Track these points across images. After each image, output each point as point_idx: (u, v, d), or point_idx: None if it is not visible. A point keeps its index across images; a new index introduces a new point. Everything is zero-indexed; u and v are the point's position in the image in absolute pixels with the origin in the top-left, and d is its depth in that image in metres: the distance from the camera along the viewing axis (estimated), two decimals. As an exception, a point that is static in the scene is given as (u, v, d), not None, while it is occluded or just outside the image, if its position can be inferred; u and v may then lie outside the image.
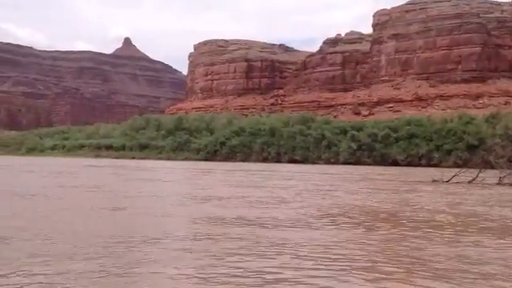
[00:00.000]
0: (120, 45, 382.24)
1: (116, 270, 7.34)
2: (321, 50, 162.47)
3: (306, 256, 8.39)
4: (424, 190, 25.39)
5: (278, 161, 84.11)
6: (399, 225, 12.61)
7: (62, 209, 15.10)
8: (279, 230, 11.48)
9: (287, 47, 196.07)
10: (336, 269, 7.62)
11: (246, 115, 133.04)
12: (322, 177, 39.26)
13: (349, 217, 14.16)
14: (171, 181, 33.73)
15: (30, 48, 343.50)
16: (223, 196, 19.85)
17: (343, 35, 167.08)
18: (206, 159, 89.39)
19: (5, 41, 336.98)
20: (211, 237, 10.37)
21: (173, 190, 24.78)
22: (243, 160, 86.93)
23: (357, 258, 8.44)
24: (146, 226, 12.08)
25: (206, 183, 29.11)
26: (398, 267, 7.78)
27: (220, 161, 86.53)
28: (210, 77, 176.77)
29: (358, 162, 76.70)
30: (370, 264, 8.02)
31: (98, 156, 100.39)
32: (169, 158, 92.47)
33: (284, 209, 15.78)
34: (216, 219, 13.06)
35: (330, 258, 8.28)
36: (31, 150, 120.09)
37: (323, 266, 7.71)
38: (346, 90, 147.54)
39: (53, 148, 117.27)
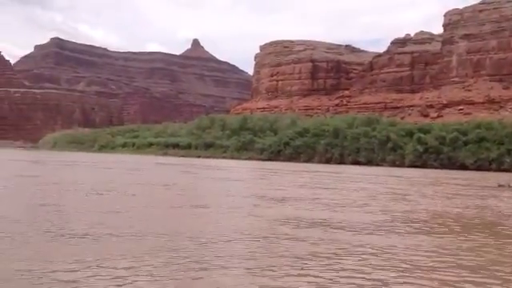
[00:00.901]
0: (189, 46, 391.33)
1: (190, 272, 7.48)
2: (388, 51, 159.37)
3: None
4: (498, 195, 24.60)
5: (342, 162, 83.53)
6: (494, 234, 12.09)
7: (146, 206, 15.60)
8: (365, 235, 11.13)
9: (354, 48, 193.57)
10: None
11: (311, 116, 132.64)
12: (391, 180, 38.77)
13: (436, 223, 13.68)
14: (241, 180, 34.25)
15: (104, 49, 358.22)
16: (296, 197, 20.00)
17: (412, 35, 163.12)
18: (269, 159, 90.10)
19: (79, 42, 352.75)
20: (294, 239, 10.20)
21: (245, 189, 25.27)
22: (306, 161, 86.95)
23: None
24: (230, 224, 12.19)
25: (276, 183, 29.36)
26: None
27: (283, 161, 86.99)
28: (275, 77, 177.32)
29: (424, 165, 74.91)
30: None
31: (165, 154, 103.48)
32: (233, 157, 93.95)
33: (362, 212, 15.57)
34: (295, 220, 12.98)
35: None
36: (103, 148, 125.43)
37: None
38: (413, 92, 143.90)
39: (123, 145, 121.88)
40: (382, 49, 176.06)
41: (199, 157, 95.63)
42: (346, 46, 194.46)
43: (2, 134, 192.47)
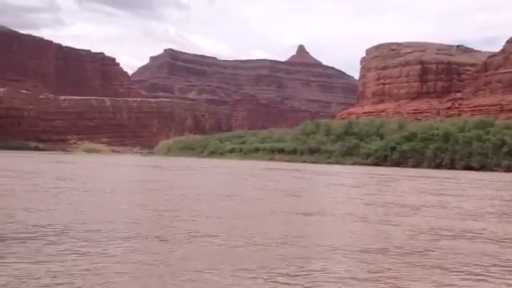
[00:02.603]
0: (294, 52, 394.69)
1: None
2: (504, 50, 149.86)
3: None
4: None
5: (452, 167, 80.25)
6: None
7: (275, 212, 15.73)
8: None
9: (466, 48, 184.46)
10: None
11: (420, 119, 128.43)
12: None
13: None
14: (357, 186, 34.09)
15: (214, 58, 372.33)
16: (423, 204, 19.59)
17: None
18: (375, 164, 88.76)
19: (190, 52, 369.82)
20: (440, 249, 9.79)
21: (366, 195, 24.84)
22: (415, 166, 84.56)
23: None
24: (371, 233, 12.05)
25: (396, 190, 28.87)
26: None
27: (390, 166, 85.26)
28: (381, 81, 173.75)
29: (543, 171, 70.03)
30: None
31: (270, 159, 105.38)
32: (338, 163, 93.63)
33: (504, 223, 14.62)
34: (433, 230, 12.50)
35: None
36: (212, 153, 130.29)
37: None
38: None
39: (231, 151, 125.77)
40: (497, 48, 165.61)
41: (304, 162, 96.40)
42: (458, 46, 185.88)
43: (122, 140, 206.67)
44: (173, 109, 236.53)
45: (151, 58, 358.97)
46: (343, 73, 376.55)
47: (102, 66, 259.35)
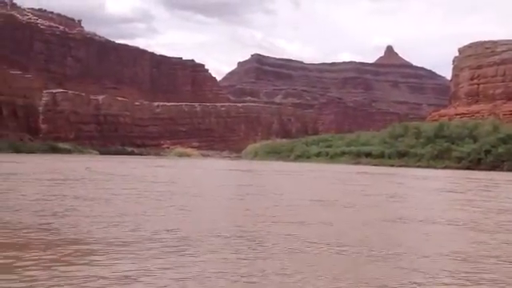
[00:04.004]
0: (382, 53, 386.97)
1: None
2: None
3: None
4: None
5: (553, 172, 75.84)
6: None
7: (386, 220, 15.36)
8: None
9: None
10: None
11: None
12: None
13: None
14: (460, 192, 32.44)
15: (300, 62, 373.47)
16: None
17: None
18: (467, 168, 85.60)
19: (277, 56, 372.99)
20: None
21: (474, 202, 23.46)
22: (511, 170, 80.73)
23: None
24: (494, 243, 11.63)
25: (503, 195, 27.67)
26: None
27: (484, 170, 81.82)
28: (475, 81, 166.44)
29: None
30: None
31: (357, 163, 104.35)
32: (428, 166, 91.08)
33: None
34: None
35: None
36: (299, 157, 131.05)
37: None
38: None
39: (317, 155, 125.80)
40: None
41: (392, 166, 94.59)
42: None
43: (211, 144, 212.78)
44: (259, 113, 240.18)
45: (239, 63, 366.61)
46: (434, 73, 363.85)
47: (192, 73, 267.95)
